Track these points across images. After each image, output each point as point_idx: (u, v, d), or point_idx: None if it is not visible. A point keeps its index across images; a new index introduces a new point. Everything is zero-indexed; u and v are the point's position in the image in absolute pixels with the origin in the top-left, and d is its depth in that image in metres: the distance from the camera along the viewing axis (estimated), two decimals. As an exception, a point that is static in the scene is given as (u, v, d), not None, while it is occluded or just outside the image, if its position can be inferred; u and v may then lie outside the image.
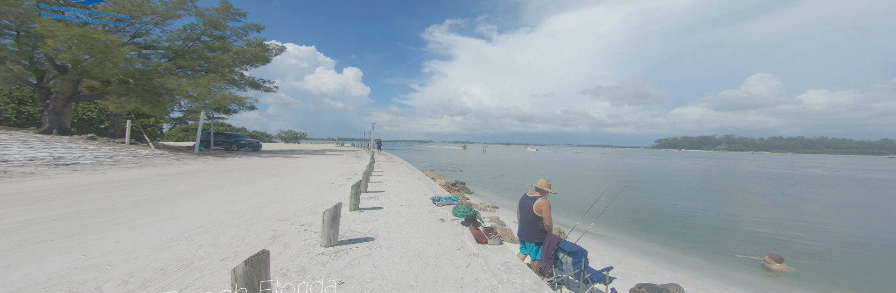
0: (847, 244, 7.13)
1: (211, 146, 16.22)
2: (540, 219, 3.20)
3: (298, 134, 55.48)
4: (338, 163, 13.03)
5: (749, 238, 7.32)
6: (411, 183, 7.78)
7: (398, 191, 6.46)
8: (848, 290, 4.88)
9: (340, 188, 6.51)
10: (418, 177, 9.00)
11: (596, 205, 4.31)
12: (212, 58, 14.19)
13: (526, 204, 3.33)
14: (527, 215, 3.30)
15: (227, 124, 38.87)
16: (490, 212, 8.48)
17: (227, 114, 19.59)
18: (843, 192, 15.92)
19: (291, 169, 9.79)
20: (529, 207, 3.26)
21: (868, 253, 6.57)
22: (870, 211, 11.16)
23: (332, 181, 7.50)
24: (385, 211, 4.74)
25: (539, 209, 3.15)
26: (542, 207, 3.14)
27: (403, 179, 8.38)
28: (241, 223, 3.81)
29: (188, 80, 13.22)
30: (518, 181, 17.78)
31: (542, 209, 3.14)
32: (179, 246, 2.93)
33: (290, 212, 4.41)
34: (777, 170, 32.00)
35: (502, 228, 6.15)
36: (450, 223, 4.20)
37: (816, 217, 9.94)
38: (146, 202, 4.60)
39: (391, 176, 9.02)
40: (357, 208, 4.64)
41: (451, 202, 5.28)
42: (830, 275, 5.36)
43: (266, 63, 17.60)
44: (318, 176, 8.34)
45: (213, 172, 8.16)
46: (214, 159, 11.64)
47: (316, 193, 5.89)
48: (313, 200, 5.26)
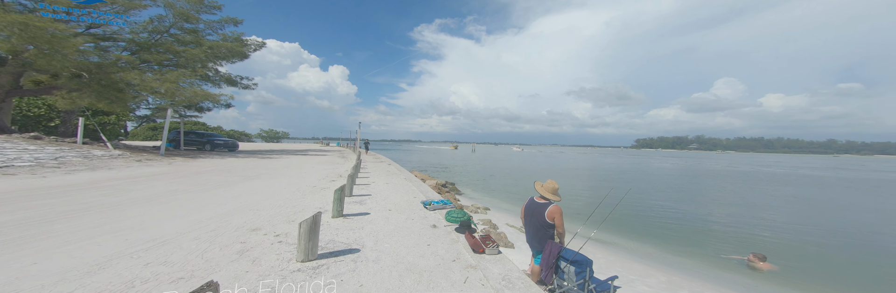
0: (818, 240, 7.44)
1: (181, 146, 15.03)
2: (552, 227, 2.94)
3: (280, 133, 53.22)
4: (321, 164, 12.38)
5: (729, 237, 7.47)
6: (400, 185, 7.39)
7: (386, 195, 6.06)
8: (830, 288, 4.99)
9: (323, 192, 6.03)
10: (407, 178, 8.61)
11: (597, 211, 4.14)
12: (182, 52, 13.15)
13: (535, 210, 3.05)
14: (537, 222, 3.02)
15: (200, 123, 36.62)
16: (481, 214, 8.23)
17: (200, 112, 18.30)
18: (803, 190, 17.00)
19: (270, 170, 9.12)
20: (540, 214, 2.98)
21: (837, 248, 6.86)
22: (830, 206, 11.88)
23: (315, 184, 6.99)
24: (372, 217, 4.36)
25: (551, 216, 2.90)
26: (555, 214, 2.84)
27: (392, 181, 7.97)
28: (204, 234, 3.31)
29: (154, 75, 12.15)
30: (508, 181, 17.72)
31: (556, 216, 2.90)
32: (120, 265, 2.44)
33: (263, 221, 3.93)
34: (743, 169, 34.01)
35: (496, 233, 5.90)
36: (443, 230, 3.88)
37: (786, 214, 10.43)
38: (88, 211, 3.97)
39: (379, 177, 8.58)
40: (341, 215, 4.22)
41: (444, 206, 4.96)
42: (812, 272, 5.48)
43: (244, 59, 16.60)
44: (299, 178, 7.77)
45: (179, 175, 7.40)
46: (183, 160, 10.70)
47: (295, 198, 5.39)
48: (292, 206, 4.78)
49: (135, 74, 10.79)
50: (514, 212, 9.31)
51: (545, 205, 2.99)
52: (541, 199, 3.09)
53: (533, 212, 3.07)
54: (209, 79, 16.49)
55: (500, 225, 7.07)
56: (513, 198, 12.23)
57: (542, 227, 3.01)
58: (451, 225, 4.08)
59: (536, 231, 3.07)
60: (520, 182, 17.73)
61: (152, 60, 12.71)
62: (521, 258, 5.06)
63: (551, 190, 3.07)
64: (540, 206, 3.02)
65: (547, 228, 3.00)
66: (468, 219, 4.10)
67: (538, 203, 3.06)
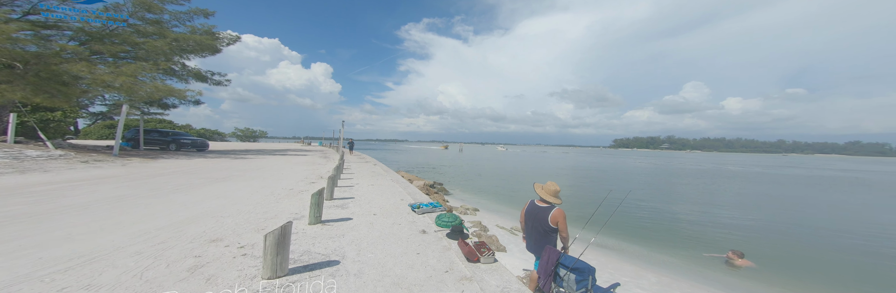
0: (786, 236, 7.83)
1: (140, 146, 13.66)
2: (555, 232, 2.74)
3: (257, 132, 50.29)
4: (301, 164, 11.64)
5: (706, 235, 7.67)
6: (386, 186, 6.97)
7: (371, 198, 5.64)
8: (806, 283, 5.15)
9: (301, 195, 5.51)
10: (394, 179, 8.20)
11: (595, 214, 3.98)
12: (142, 43, 11.93)
13: (537, 214, 2.83)
14: (540, 227, 2.80)
15: (166, 121, 33.89)
16: (471, 216, 7.97)
17: (164, 108, 16.79)
18: (766, 187, 18.23)
19: (242, 172, 8.37)
20: (543, 219, 2.77)
21: (804, 243, 7.24)
22: (787, 203, 12.73)
23: (292, 186, 6.42)
24: (355, 223, 3.95)
25: (555, 220, 2.68)
26: (559, 218, 2.67)
27: (377, 182, 7.53)
28: (149, 248, 2.79)
29: (108, 67, 10.91)
30: (495, 181, 17.64)
31: (559, 220, 2.67)
32: (27, 290, 1.92)
33: (227, 230, 3.43)
34: (708, 168, 36.29)
35: (487, 236, 5.65)
36: (433, 236, 3.56)
37: (755, 211, 11.01)
38: (2, 223, 3.28)
39: (363, 179, 8.10)
40: (319, 221, 3.78)
41: (433, 209, 4.64)
42: (787, 268, 5.66)
43: (216, 53, 15.42)
44: (275, 180, 7.14)
45: (133, 178, 6.56)
46: (141, 161, 9.63)
47: (268, 202, 4.86)
48: (263, 212, 4.27)
49: (82, 66, 9.59)
50: (503, 213, 9.14)
51: (548, 208, 2.78)
52: (542, 203, 2.87)
53: (535, 217, 2.84)
54: (175, 73, 15.16)
55: (490, 227, 6.84)
56: (501, 198, 12.10)
57: (545, 232, 2.79)
58: (442, 230, 3.76)
59: (539, 236, 2.84)
60: (507, 182, 17.72)
61: (106, 52, 11.42)
62: (514, 262, 4.84)
63: (552, 192, 2.84)
64: (542, 210, 2.80)
65: (550, 233, 2.78)
66: (460, 224, 3.80)
67: (540, 207, 2.84)
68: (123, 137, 15.09)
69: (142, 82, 11.12)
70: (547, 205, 2.79)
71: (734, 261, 5.78)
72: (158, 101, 15.05)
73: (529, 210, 2.93)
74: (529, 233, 2.95)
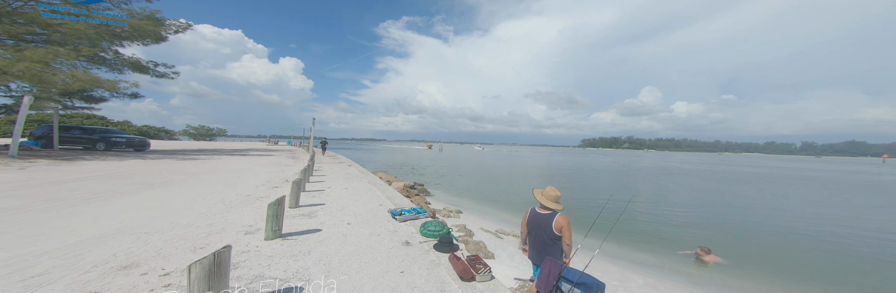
0: (747, 231, 8.50)
1: (54, 145, 11.38)
2: (560, 239, 2.53)
3: (215, 130, 45.23)
4: (264, 166, 10.41)
5: (675, 232, 8.00)
6: (362, 190, 6.32)
7: (345, 203, 5.00)
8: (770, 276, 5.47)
9: (259, 202, 4.71)
10: (371, 181, 7.53)
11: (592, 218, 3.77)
12: (58, 25, 9.88)
13: (540, 222, 2.59)
14: (544, 235, 2.55)
15: (97, 116, 29.24)
16: (455, 219, 7.57)
17: (91, 102, 14.22)
18: (712, 184, 20.22)
19: (188, 176, 7.16)
20: (547, 226, 2.53)
21: (763, 237, 7.88)
22: (732, 198, 14.12)
23: (249, 192, 5.53)
24: (325, 235, 3.34)
25: (559, 227, 2.48)
26: (563, 225, 2.48)
27: (352, 185, 6.83)
28: (19, 283, 1.99)
29: (6, 51, 8.86)
30: (477, 181, 17.46)
31: (563, 227, 2.48)
32: None
33: (150, 251, 2.66)
34: (663, 164, 39.84)
35: (473, 242, 5.28)
36: (418, 248, 3.08)
37: (710, 206, 11.97)
38: None
39: (336, 181, 7.33)
40: (278, 235, 3.12)
41: (417, 216, 4.15)
42: (754, 263, 5.97)
43: (160, 41, 13.39)
44: (229, 185, 6.14)
45: (30, 185, 5.21)
46: (48, 164, 7.88)
47: (216, 213, 4.03)
48: (207, 225, 3.48)
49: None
50: (486, 214, 8.87)
51: (550, 215, 2.56)
52: (543, 210, 2.64)
53: (538, 225, 2.60)
54: (106, 62, 12.90)
55: (475, 230, 6.49)
56: (483, 198, 11.88)
57: (550, 241, 2.53)
58: (429, 240, 3.30)
59: (544, 245, 2.56)
60: (488, 181, 17.65)
61: (3, 33, 9.28)
62: (504, 270, 4.52)
63: (553, 198, 2.64)
64: (545, 218, 2.57)
65: (555, 241, 2.53)
66: (448, 233, 3.37)
67: (542, 214, 2.61)
68: (31, 135, 12.49)
69: (55, 70, 9.19)
70: (549, 212, 2.60)
71: (703, 256, 6.00)
72: (80, 92, 12.69)
73: (531, 218, 2.69)
74: (533, 243, 2.68)
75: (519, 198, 12.13)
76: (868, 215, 10.57)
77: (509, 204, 10.95)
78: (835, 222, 9.34)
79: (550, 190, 2.68)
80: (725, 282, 5.00)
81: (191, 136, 42.50)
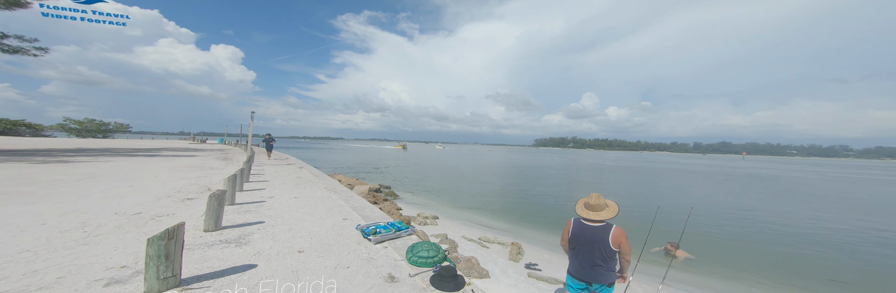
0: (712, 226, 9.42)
1: None
2: (616, 254, 2.16)
3: (112, 125, 35.95)
4: (179, 170, 8.10)
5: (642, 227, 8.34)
6: (318, 198, 5.06)
7: (294, 219, 3.78)
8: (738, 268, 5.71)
9: (153, 225, 3.24)
10: (328, 187, 6.22)
11: (647, 236, 3.27)
12: None
13: (593, 236, 2.15)
14: (601, 251, 2.13)
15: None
16: (432, 226, 6.70)
17: None
18: (639, 177, 23.10)
19: (39, 186, 4.93)
20: (602, 241, 2.11)
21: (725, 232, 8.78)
22: (679, 193, 16.11)
23: (142, 209, 3.89)
24: (260, 275, 2.22)
25: (618, 242, 2.11)
26: (622, 239, 2.12)
27: (304, 193, 5.48)
28: None
29: None
30: (444, 181, 16.78)
31: (623, 241, 2.12)
32: None
33: None
34: (601, 163, 44.96)
35: (464, 258, 4.52)
36: (409, 286, 2.20)
37: (657, 199, 13.31)
38: None
39: (283, 189, 5.86)
40: (175, 285, 1.93)
41: (396, 233, 3.22)
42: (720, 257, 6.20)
43: (11, 7, 9.59)
44: (109, 199, 4.31)
45: None
46: None
47: (61, 248, 2.53)
48: (25, 276, 2.05)
49: None
50: (464, 219, 8.20)
51: (605, 228, 2.14)
52: (592, 222, 2.17)
53: (592, 240, 2.15)
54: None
55: (457, 240, 5.74)
56: (457, 200, 11.25)
57: (607, 257, 2.13)
58: (422, 270, 2.43)
59: (602, 261, 2.14)
60: (457, 181, 17.15)
61: None
62: (506, 291, 3.86)
63: (606, 207, 2.18)
64: (599, 231, 2.14)
65: (612, 256, 2.14)
66: (444, 259, 2.55)
67: (593, 226, 2.16)
68: None
69: None
70: (602, 225, 2.16)
71: (673, 252, 6.21)
72: None
73: (579, 231, 2.22)
74: (584, 258, 2.21)
75: (491, 199, 11.83)
76: (769, 203, 12.85)
77: (483, 205, 10.53)
78: (742, 208, 11.05)
79: (596, 197, 2.18)
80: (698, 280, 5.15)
81: (72, 132, 32.94)
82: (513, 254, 4.99)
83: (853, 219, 9.90)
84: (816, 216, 10.27)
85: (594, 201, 2.15)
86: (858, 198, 14.77)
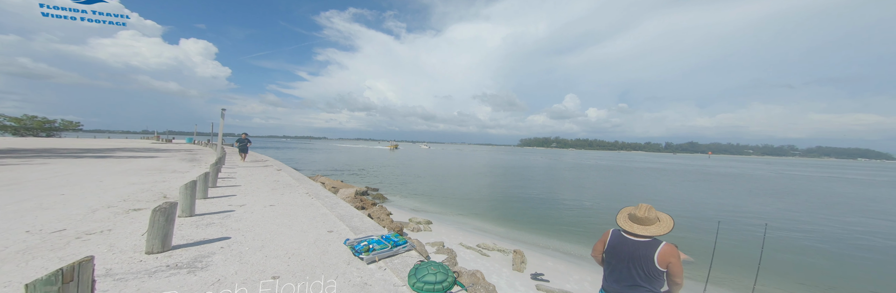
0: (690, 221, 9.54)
1: None
2: (662, 274, 1.78)
3: (57, 123, 32.15)
4: (133, 173, 7.08)
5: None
6: (298, 206, 4.44)
7: (269, 232, 3.18)
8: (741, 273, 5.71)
9: (77, 246, 2.54)
10: (310, 192, 5.58)
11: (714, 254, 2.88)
12: None
13: (634, 251, 1.78)
14: (641, 269, 1.76)
15: None
16: (426, 233, 6.17)
17: None
18: (624, 176, 23.79)
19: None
20: (647, 258, 1.74)
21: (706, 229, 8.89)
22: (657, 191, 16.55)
23: (65, 225, 3.14)
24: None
25: (667, 262, 1.72)
26: (673, 259, 1.73)
27: (282, 199, 4.83)
28: None
29: None
30: (434, 182, 16.28)
31: (673, 262, 1.74)
32: None
33: None
34: (584, 162, 46.31)
35: (467, 272, 4.07)
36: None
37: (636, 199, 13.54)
38: None
39: (257, 195, 5.16)
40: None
41: (393, 250, 2.72)
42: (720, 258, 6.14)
43: None
44: (27, 212, 3.49)
45: None
46: None
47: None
48: None
49: None
50: (459, 224, 7.76)
51: (652, 244, 1.76)
52: (636, 236, 1.80)
53: (632, 256, 1.78)
54: None
55: (455, 248, 5.29)
56: (449, 203, 10.80)
57: (652, 278, 1.75)
58: (430, 302, 1.96)
59: (639, 283, 1.77)
60: (447, 181, 16.71)
61: None
62: None
63: (657, 222, 1.81)
64: (642, 247, 1.76)
65: (660, 277, 1.76)
66: (453, 282, 2.10)
67: (636, 241, 1.79)
68: None
69: None
70: (647, 240, 1.78)
71: None
72: None
73: (617, 244, 1.86)
74: (622, 275, 1.84)
75: (484, 201, 11.50)
76: (744, 201, 13.42)
77: (476, 207, 10.17)
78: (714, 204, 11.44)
79: (645, 208, 1.82)
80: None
81: (7, 130, 29.06)
82: (516, 263, 4.62)
83: (821, 214, 10.45)
84: (790, 212, 10.78)
85: (642, 213, 1.78)
86: (826, 196, 15.86)
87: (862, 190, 19.06)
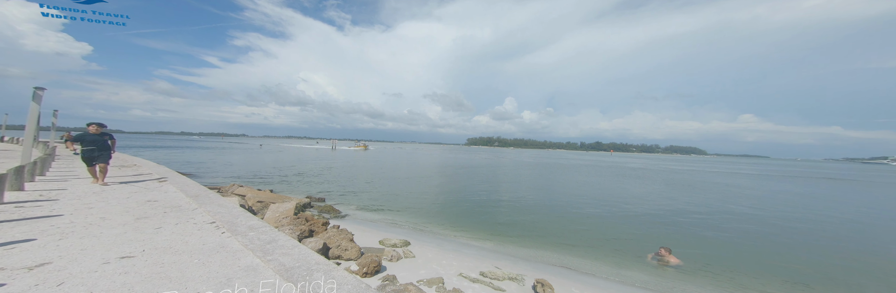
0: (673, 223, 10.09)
1: None
2: None
3: None
4: None
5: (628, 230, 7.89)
6: (189, 253, 2.35)
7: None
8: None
9: None
10: (219, 219, 3.34)
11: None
12: None
13: None
14: None
15: None
16: (411, 261, 4.38)
17: None
18: (576, 175, 26.12)
19: None
20: None
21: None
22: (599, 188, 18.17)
23: None
24: None
25: None
26: None
27: (153, 242, 2.59)
28: None
29: None
30: (391, 186, 14.21)
31: None
32: None
33: None
34: (521, 159, 50.29)
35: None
36: None
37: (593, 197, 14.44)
38: None
39: (90, 236, 2.72)
40: None
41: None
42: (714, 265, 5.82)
43: None
44: None
45: None
46: None
47: None
48: None
49: None
50: (448, 241, 6.18)
51: None
52: None
53: None
54: None
55: (456, 283, 3.80)
56: (419, 211, 9.04)
57: None
58: None
59: None
60: (407, 184, 14.88)
61: None
62: None
63: None
64: None
65: None
66: None
67: None
68: None
69: None
70: None
71: (665, 257, 5.76)
72: None
73: None
74: None
75: (460, 206, 10.19)
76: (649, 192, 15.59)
77: (448, 214, 8.79)
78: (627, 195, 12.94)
79: None
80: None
81: None
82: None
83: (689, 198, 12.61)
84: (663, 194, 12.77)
85: None
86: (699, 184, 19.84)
87: (724, 179, 25.06)
